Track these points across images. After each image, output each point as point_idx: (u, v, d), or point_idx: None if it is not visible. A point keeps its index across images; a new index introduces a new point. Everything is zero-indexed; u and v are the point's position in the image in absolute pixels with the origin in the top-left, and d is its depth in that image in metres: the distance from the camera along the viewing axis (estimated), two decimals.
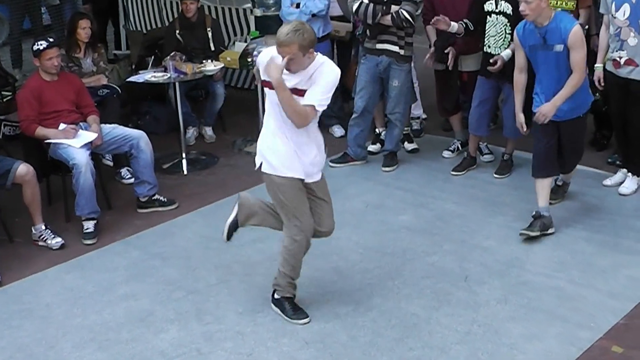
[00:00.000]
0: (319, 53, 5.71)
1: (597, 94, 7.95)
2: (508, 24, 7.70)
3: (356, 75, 9.24)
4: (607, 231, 7.07)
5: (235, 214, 6.21)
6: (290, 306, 6.05)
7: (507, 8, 7.67)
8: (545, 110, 6.85)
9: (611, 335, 5.64)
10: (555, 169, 7.27)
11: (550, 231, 7.07)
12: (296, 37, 5.44)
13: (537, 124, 7.01)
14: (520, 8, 6.67)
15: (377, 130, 9.35)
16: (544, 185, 7.11)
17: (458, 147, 9.07)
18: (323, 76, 5.63)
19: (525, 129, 7.26)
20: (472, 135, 8.51)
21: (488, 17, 7.85)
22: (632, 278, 6.39)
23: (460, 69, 8.61)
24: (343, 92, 9.51)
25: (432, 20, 8.13)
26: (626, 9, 7.26)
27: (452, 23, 7.94)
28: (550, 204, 7.20)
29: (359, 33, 9.09)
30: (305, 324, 5.94)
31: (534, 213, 7.08)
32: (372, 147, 9.27)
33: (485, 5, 7.87)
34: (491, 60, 8.00)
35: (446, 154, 9.07)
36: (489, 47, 7.90)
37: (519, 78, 7.13)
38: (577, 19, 8.14)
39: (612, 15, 7.41)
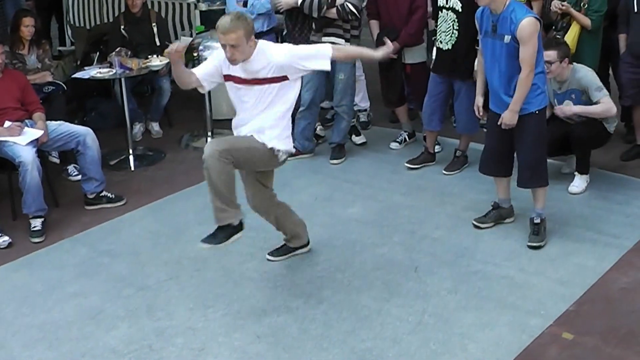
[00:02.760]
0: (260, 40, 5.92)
1: None
2: (456, 20, 7.67)
3: None
4: (556, 219, 7.08)
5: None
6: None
7: (456, 4, 7.63)
8: (507, 119, 6.54)
9: (561, 322, 5.66)
10: (500, 170, 6.98)
11: (507, 221, 7.08)
12: (240, 23, 5.64)
13: (489, 119, 6.91)
14: None
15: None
16: (500, 180, 7.04)
17: (405, 139, 9.08)
18: (278, 47, 5.96)
19: (481, 114, 7.12)
20: (427, 131, 8.48)
21: (440, 12, 7.82)
22: (581, 265, 6.43)
23: (404, 60, 8.59)
24: None
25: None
26: None
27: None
28: (533, 247, 6.74)
29: (285, 32, 9.06)
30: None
31: (492, 203, 7.09)
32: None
33: (438, 0, 7.84)
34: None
35: (393, 145, 9.06)
36: (441, 42, 7.85)
37: (480, 58, 6.93)
38: None
39: None
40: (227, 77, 5.97)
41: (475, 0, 6.56)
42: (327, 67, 5.98)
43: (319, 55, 5.92)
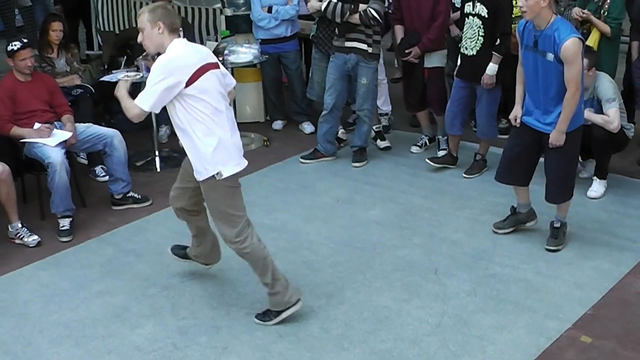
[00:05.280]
0: (176, 40, 5.50)
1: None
2: (482, 26, 7.64)
3: (311, 76, 9.25)
4: (572, 223, 7.02)
5: None
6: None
7: (482, 10, 7.60)
8: (554, 140, 6.37)
9: (579, 326, 5.62)
10: (518, 179, 6.85)
11: (529, 224, 7.00)
12: (147, 8, 5.46)
13: (517, 128, 6.75)
14: (519, 3, 6.27)
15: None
16: (519, 186, 6.93)
17: (426, 143, 9.06)
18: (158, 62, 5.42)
19: (518, 124, 6.75)
20: (449, 135, 8.46)
21: (466, 18, 7.79)
22: (597, 269, 6.39)
23: (424, 65, 8.57)
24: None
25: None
26: None
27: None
28: (552, 250, 6.70)
29: (312, 34, 9.05)
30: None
31: (510, 207, 7.01)
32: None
33: (465, 7, 7.81)
34: (406, 51, 8.31)
35: (414, 149, 9.05)
36: (466, 48, 7.83)
37: (520, 69, 6.69)
38: None
39: None
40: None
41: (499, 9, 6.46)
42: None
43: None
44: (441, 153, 8.70)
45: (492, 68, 7.69)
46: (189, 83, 5.36)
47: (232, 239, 5.61)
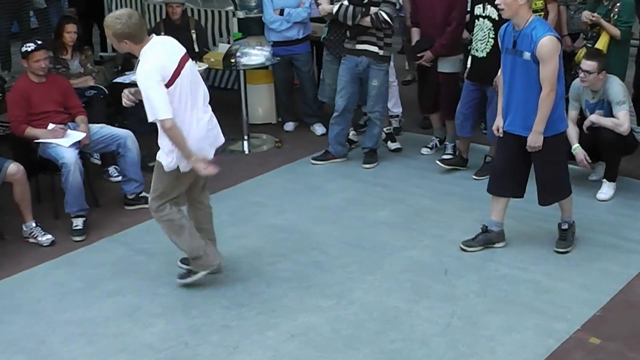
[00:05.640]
0: (150, 42, 5.72)
1: None
2: (492, 29, 7.60)
3: (322, 78, 9.25)
4: (582, 225, 7.00)
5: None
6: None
7: (493, 13, 7.55)
8: (531, 142, 6.28)
9: (588, 327, 5.61)
10: (509, 190, 6.69)
11: (497, 245, 6.79)
12: (112, 23, 5.64)
13: (499, 137, 6.65)
14: (497, 1, 6.26)
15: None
16: (498, 200, 6.77)
17: (436, 144, 9.05)
18: (137, 79, 5.68)
19: (501, 134, 6.66)
20: (459, 137, 8.45)
21: (476, 20, 7.76)
22: (605, 271, 6.37)
23: (438, 69, 8.55)
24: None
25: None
26: None
27: None
28: (560, 252, 6.67)
29: (323, 37, 9.04)
30: None
31: (482, 226, 6.83)
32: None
33: (475, 9, 7.79)
34: (418, 55, 8.32)
35: (424, 151, 9.03)
36: (476, 50, 7.79)
37: (501, 78, 6.65)
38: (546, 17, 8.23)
39: None
40: None
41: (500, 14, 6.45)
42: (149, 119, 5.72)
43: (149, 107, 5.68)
44: (446, 157, 8.66)
45: None
46: (168, 86, 5.65)
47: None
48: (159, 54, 5.68)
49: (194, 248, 6.18)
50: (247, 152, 9.44)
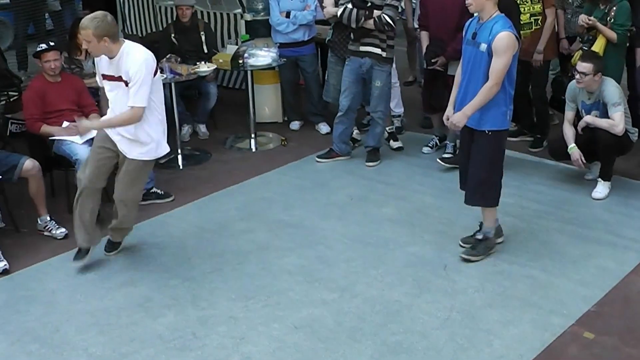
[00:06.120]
0: (126, 42, 6.12)
1: None
2: None
3: (326, 79, 9.25)
4: (578, 223, 7.06)
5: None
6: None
7: None
8: (455, 119, 6.27)
9: (582, 322, 5.62)
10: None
11: (498, 240, 6.74)
12: (91, 23, 5.89)
13: (461, 133, 6.59)
14: None
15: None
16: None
17: (436, 143, 9.05)
18: (129, 69, 5.99)
19: (448, 122, 6.54)
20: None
21: None
22: (601, 267, 6.38)
23: (447, 72, 8.54)
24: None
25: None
26: None
27: None
28: (464, 259, 6.55)
29: (328, 39, 9.05)
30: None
31: (478, 234, 6.71)
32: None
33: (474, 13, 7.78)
34: (432, 60, 8.25)
35: (425, 149, 9.04)
36: None
37: (459, 70, 6.53)
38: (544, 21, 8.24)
39: None
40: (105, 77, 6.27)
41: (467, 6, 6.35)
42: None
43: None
44: (446, 156, 8.67)
45: None
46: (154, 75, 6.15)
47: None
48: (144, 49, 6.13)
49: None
50: (254, 149, 9.46)
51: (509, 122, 6.38)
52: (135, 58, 5.98)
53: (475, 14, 6.28)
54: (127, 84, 6.01)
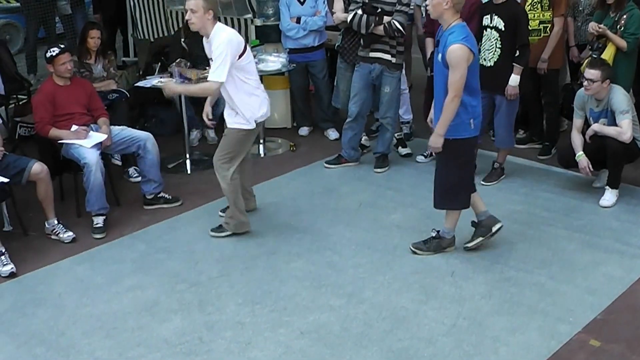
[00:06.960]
0: (218, 24, 6.62)
1: None
2: (499, 39, 7.65)
3: (336, 85, 9.25)
4: (586, 231, 7.03)
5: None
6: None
7: (500, 23, 7.61)
8: (431, 142, 6.34)
9: (589, 330, 5.60)
10: None
11: (495, 228, 6.76)
12: None
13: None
14: (426, 2, 6.30)
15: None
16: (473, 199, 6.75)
17: (431, 152, 9.02)
18: (213, 46, 6.53)
19: (430, 123, 6.73)
20: None
21: (484, 31, 7.79)
22: (609, 275, 6.35)
23: None
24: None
25: None
26: None
27: None
28: (412, 250, 6.76)
29: (337, 44, 9.05)
30: None
31: (471, 222, 6.82)
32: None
33: (483, 20, 7.81)
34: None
35: (419, 158, 9.03)
36: (484, 59, 7.79)
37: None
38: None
39: None
40: None
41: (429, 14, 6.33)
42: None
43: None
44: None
45: (514, 79, 7.70)
46: (240, 57, 6.61)
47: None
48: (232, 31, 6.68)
49: (242, 210, 7.10)
50: (263, 155, 9.46)
51: (477, 130, 6.46)
52: (220, 37, 6.47)
53: None
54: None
